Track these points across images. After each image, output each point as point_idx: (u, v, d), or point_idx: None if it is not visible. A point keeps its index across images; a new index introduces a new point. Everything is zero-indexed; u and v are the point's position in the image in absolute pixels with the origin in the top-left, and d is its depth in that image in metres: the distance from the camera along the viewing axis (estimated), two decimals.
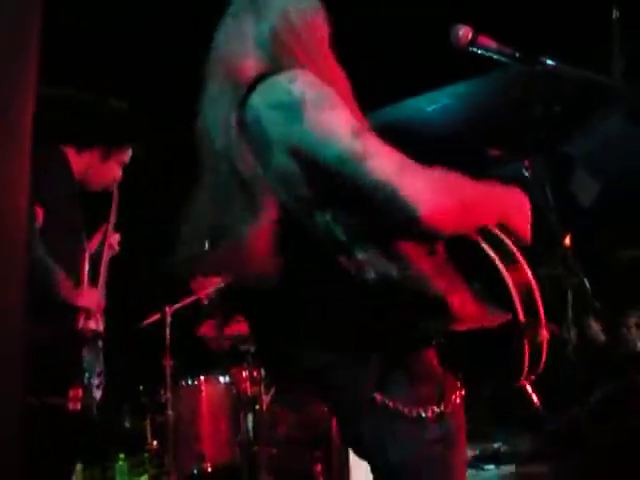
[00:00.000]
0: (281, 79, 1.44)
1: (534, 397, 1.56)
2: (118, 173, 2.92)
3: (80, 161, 2.77)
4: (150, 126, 3.21)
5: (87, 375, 2.61)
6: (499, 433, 5.45)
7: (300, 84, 1.41)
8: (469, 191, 1.44)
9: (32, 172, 0.89)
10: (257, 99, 1.44)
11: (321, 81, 1.43)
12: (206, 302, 4.22)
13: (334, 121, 1.38)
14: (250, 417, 4.11)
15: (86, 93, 2.82)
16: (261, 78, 1.47)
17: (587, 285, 3.67)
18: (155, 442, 4.13)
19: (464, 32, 1.67)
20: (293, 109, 1.39)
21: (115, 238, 2.96)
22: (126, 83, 3.82)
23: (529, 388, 1.53)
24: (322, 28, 1.59)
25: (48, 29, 1.10)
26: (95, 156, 2.82)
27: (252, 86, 1.46)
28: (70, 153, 2.74)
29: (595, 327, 4.01)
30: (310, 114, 1.38)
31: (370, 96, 1.65)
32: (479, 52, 1.70)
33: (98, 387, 2.68)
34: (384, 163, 1.36)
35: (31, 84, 1.00)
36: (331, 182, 1.39)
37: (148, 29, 4.19)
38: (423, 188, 1.35)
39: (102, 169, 2.85)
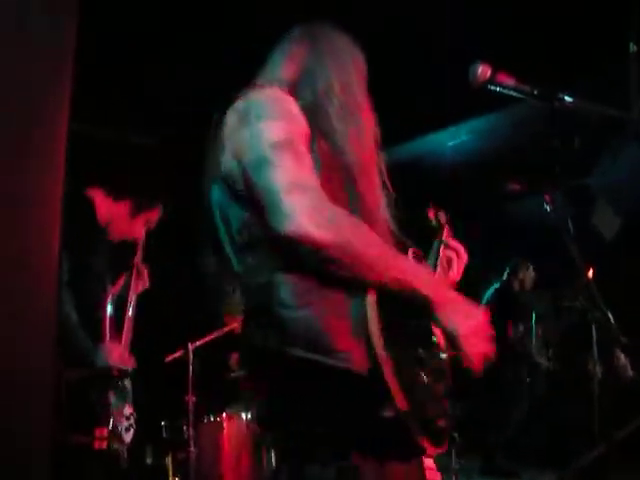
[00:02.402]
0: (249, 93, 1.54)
1: None
2: (141, 234, 2.88)
3: (109, 208, 2.74)
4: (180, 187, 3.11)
5: (113, 419, 2.52)
6: (526, 470, 5.34)
7: (254, 96, 1.52)
8: (361, 242, 1.39)
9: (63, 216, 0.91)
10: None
11: (278, 95, 1.52)
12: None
13: (264, 130, 1.44)
14: (272, 454, 4.07)
15: (119, 132, 2.81)
16: None
17: (611, 319, 3.61)
18: (177, 478, 4.09)
19: (483, 70, 1.69)
20: (243, 116, 1.49)
21: (144, 272, 2.90)
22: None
23: None
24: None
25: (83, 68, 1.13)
26: (125, 208, 2.77)
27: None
28: (98, 197, 2.72)
29: (623, 361, 3.94)
30: (252, 121, 1.47)
31: (393, 131, 1.68)
32: (498, 89, 1.71)
33: (127, 430, 2.58)
34: (283, 175, 1.39)
35: (64, 125, 1.03)
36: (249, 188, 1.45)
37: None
38: (302, 210, 1.35)
39: (128, 225, 2.80)
